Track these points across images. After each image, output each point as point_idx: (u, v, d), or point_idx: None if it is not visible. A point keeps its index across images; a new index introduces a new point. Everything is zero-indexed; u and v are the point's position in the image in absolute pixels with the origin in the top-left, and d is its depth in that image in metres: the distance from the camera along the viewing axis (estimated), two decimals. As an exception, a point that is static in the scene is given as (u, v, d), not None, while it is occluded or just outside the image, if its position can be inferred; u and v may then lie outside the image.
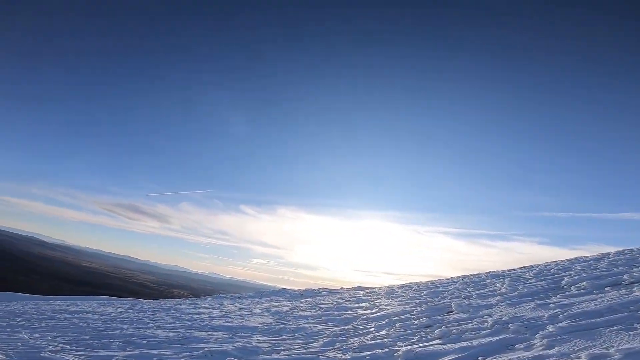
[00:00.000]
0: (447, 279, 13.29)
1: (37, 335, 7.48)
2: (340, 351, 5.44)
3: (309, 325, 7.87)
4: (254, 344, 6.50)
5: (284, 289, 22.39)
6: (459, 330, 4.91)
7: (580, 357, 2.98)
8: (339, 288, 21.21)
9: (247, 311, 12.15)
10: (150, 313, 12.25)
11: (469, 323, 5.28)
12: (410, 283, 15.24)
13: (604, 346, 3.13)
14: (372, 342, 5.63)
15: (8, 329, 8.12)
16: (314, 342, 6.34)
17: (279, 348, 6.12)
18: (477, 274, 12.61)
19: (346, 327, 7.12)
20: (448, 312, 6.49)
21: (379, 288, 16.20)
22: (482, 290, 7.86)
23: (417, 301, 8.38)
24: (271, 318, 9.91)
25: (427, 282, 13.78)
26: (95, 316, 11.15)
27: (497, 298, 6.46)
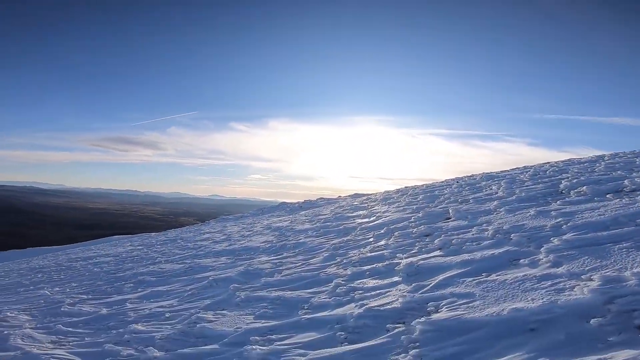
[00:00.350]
0: (442, 182, 13.35)
1: (57, 288, 7.59)
2: (341, 266, 5.45)
3: (308, 240, 7.94)
4: (256, 265, 6.57)
5: (283, 203, 22.87)
6: (459, 240, 4.82)
7: (592, 279, 2.80)
8: (336, 197, 21.69)
9: (248, 231, 12.39)
10: (158, 246, 12.49)
11: (468, 232, 5.19)
12: (405, 187, 15.40)
13: (616, 267, 2.94)
14: (372, 254, 5.63)
15: (32, 287, 8.23)
16: (314, 257, 6.39)
17: (280, 267, 6.17)
18: (471, 176, 12.61)
19: (345, 239, 7.16)
20: (446, 219, 6.43)
21: (375, 194, 16.45)
22: (479, 194, 7.78)
23: (414, 207, 8.38)
24: (272, 235, 10.06)
25: (422, 186, 13.89)
26: (108, 259, 11.34)
27: (495, 203, 6.34)
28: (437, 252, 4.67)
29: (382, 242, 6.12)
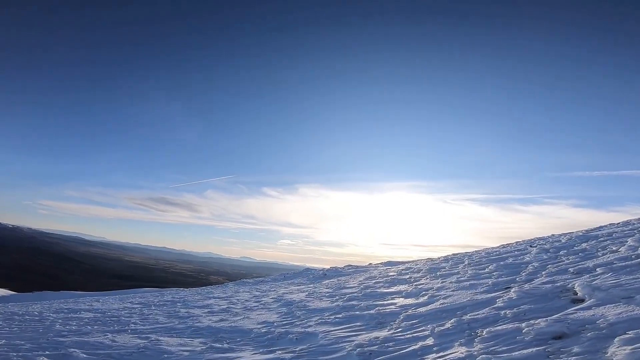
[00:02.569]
0: (509, 245, 10.05)
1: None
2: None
3: (321, 330, 4.93)
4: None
5: (307, 269, 19.68)
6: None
7: None
8: (366, 264, 18.28)
9: (256, 301, 9.44)
10: (153, 308, 9.89)
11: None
12: (454, 254, 12.07)
13: None
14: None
15: None
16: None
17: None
18: (551, 236, 9.29)
19: (380, 335, 4.13)
20: (573, 302, 3.37)
21: (416, 262, 13.12)
22: (599, 259, 4.65)
23: (490, 281, 5.27)
24: (277, 313, 7.08)
25: (481, 251, 10.55)
26: (88, 314, 8.95)
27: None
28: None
29: (456, 350, 3.08)
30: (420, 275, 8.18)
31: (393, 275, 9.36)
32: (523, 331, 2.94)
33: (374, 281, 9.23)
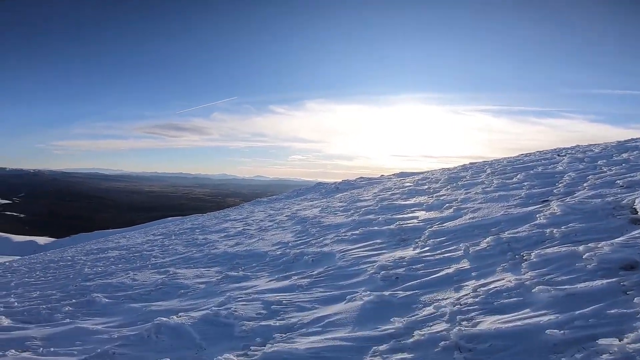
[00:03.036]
0: (532, 154, 9.38)
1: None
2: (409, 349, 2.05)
3: (339, 249, 4.60)
4: (241, 302, 3.37)
5: (319, 184, 19.60)
6: None
7: None
8: (378, 176, 18.04)
9: (271, 220, 9.31)
10: (173, 238, 9.91)
11: None
12: (472, 163, 11.49)
13: None
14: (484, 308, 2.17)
15: None
16: (345, 300, 3.04)
17: (277, 320, 2.90)
18: (575, 147, 8.52)
19: (405, 255, 3.73)
20: (634, 222, 2.81)
21: (432, 172, 12.67)
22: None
23: (522, 193, 4.72)
24: (291, 232, 6.86)
25: (502, 160, 9.95)
26: (114, 253, 8.91)
27: None
28: None
29: (500, 277, 2.63)
30: (439, 185, 7.71)
31: (409, 186, 8.94)
32: (583, 257, 2.41)
33: (389, 193, 8.86)
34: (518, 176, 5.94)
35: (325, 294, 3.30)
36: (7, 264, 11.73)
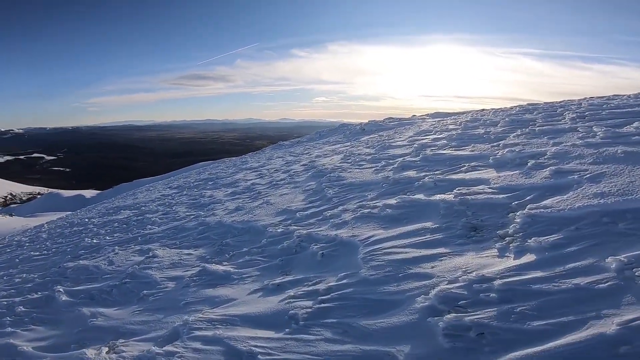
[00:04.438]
0: (618, 97, 6.95)
1: None
2: None
3: (363, 238, 2.88)
4: (184, 355, 1.79)
5: (343, 125, 17.54)
6: None
7: None
8: (409, 116, 15.73)
9: (285, 171, 7.72)
10: (185, 192, 8.61)
11: None
12: (531, 104, 9.08)
13: None
14: None
15: None
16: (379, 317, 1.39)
17: None
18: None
19: (488, 268, 1.97)
20: None
21: (478, 112, 10.38)
22: None
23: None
24: (303, 193, 5.22)
25: (570, 101, 7.49)
26: (125, 213, 7.68)
27: None
28: None
29: None
30: (500, 129, 5.66)
31: (456, 129, 6.91)
32: None
33: (430, 137, 6.88)
34: (635, 124, 3.84)
35: (335, 352, 1.68)
36: (45, 226, 10.94)
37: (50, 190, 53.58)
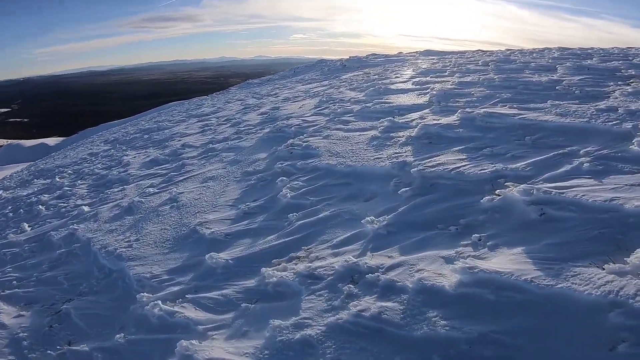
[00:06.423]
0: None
1: None
2: None
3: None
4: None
5: (321, 61, 14.71)
6: None
7: None
8: (396, 53, 13.10)
9: (235, 124, 5.33)
10: (116, 148, 5.96)
11: None
12: (536, 49, 6.80)
13: None
14: None
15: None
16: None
17: None
18: None
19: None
20: None
21: (478, 53, 8.02)
22: None
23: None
24: (239, 182, 2.90)
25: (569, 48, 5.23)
26: (67, 172, 5.06)
27: None
28: None
29: None
30: (562, 73, 3.47)
31: (487, 72, 4.64)
32: None
33: (450, 80, 4.62)
34: None
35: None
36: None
37: (10, 141, 48.52)
